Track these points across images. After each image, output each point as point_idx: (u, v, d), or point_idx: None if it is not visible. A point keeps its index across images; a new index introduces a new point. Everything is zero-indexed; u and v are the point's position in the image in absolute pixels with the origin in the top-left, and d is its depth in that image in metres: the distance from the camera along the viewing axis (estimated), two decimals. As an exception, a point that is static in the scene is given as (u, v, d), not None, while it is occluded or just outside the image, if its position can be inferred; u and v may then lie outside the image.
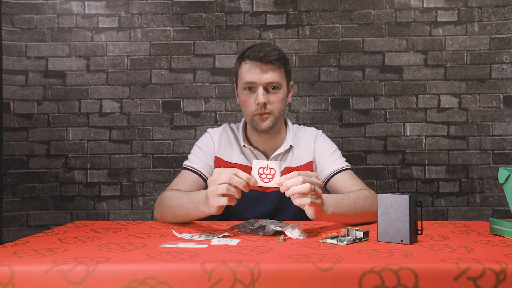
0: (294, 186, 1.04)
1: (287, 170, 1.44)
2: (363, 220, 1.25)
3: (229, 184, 1.05)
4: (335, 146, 1.51)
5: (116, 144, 2.55)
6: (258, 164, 1.09)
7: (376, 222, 1.02)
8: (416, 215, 0.98)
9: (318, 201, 1.07)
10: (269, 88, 1.38)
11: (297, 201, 1.05)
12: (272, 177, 1.08)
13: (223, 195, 1.06)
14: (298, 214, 1.36)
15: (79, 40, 2.56)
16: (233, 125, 1.54)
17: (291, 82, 1.47)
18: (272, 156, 1.45)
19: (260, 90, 1.36)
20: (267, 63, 1.35)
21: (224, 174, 1.06)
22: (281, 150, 1.45)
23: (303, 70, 2.54)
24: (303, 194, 1.04)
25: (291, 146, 1.46)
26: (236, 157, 1.46)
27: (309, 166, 1.46)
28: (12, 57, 2.50)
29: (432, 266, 0.76)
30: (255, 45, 1.41)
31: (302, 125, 1.57)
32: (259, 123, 1.39)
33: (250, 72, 1.37)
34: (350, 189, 1.35)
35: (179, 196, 1.26)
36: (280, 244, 0.95)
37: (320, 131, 1.54)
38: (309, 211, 1.08)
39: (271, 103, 1.38)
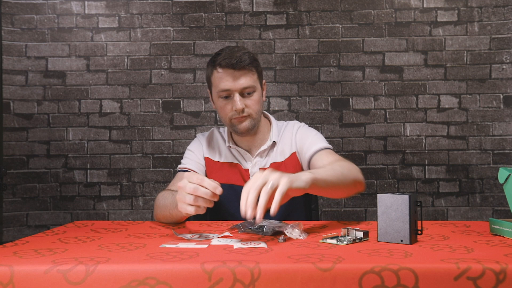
0: (259, 208, 0.95)
1: (273, 166, 1.46)
2: (349, 187, 1.21)
3: (195, 195, 1.02)
4: (315, 131, 1.50)
5: (116, 144, 2.55)
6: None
7: (362, 190, 0.99)
8: (416, 215, 0.98)
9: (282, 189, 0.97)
10: (244, 93, 1.39)
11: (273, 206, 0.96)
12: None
13: (190, 204, 1.03)
14: (299, 215, 1.36)
15: (79, 40, 2.56)
16: (221, 129, 1.60)
17: (264, 81, 1.49)
18: (256, 153, 1.47)
19: (237, 97, 1.37)
20: (240, 69, 1.36)
21: (189, 185, 1.03)
22: (264, 147, 1.47)
23: (303, 70, 2.54)
24: (264, 204, 0.96)
25: (274, 142, 1.48)
26: (224, 156, 1.51)
27: (293, 158, 1.47)
28: (12, 57, 2.50)
29: (432, 266, 0.76)
30: (224, 50, 1.40)
31: (287, 121, 1.58)
32: (237, 125, 1.41)
33: (224, 80, 1.37)
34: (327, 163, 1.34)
35: (166, 197, 1.28)
36: (280, 244, 0.95)
37: (302, 123, 1.54)
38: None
39: (248, 106, 1.39)
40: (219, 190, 1.02)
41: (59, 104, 2.55)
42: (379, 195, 0.99)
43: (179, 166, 1.52)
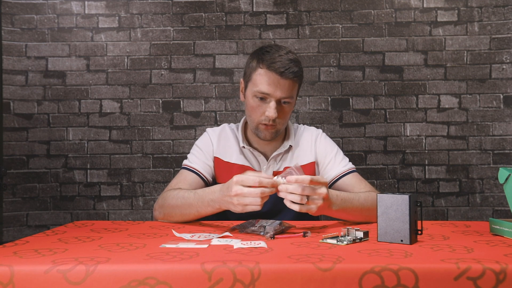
0: (287, 193, 1.08)
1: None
2: (369, 220, 1.26)
3: (263, 197, 1.07)
4: (336, 146, 1.51)
5: (116, 144, 2.55)
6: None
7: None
8: (416, 215, 0.98)
9: (313, 209, 1.10)
10: (281, 101, 1.36)
11: (287, 204, 1.10)
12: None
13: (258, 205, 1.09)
14: (299, 215, 1.36)
15: (79, 40, 2.56)
16: (232, 125, 1.53)
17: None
18: (272, 156, 1.45)
19: (273, 104, 1.33)
20: (286, 78, 1.32)
21: (253, 190, 1.07)
22: (280, 150, 1.45)
23: (303, 70, 2.53)
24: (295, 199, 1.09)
25: (290, 146, 1.46)
26: (235, 157, 1.46)
27: (311, 167, 1.46)
28: (12, 57, 2.50)
29: (432, 266, 0.76)
30: (273, 50, 1.35)
31: (302, 124, 1.57)
32: (263, 132, 1.39)
33: (266, 83, 1.33)
34: (359, 191, 1.36)
35: (185, 195, 1.26)
36: (280, 244, 0.95)
37: (320, 131, 1.54)
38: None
39: (279, 117, 1.36)
40: (282, 186, 1.10)
41: (59, 104, 2.55)
42: (379, 195, 0.99)
43: (185, 162, 1.47)
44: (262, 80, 1.33)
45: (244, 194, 1.07)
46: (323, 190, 1.10)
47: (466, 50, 2.51)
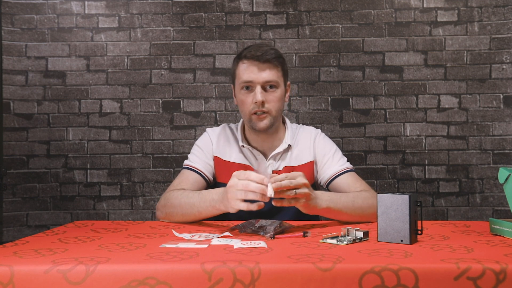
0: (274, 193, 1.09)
1: (286, 170, 1.44)
2: (363, 219, 1.25)
3: (246, 190, 1.07)
4: (335, 146, 1.51)
5: (116, 144, 2.55)
6: None
7: (376, 221, 1.03)
8: (416, 215, 0.98)
9: (301, 202, 1.11)
10: (266, 87, 1.38)
11: (273, 203, 1.11)
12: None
13: (243, 200, 1.09)
14: (299, 214, 1.36)
15: (79, 40, 2.56)
16: (232, 125, 1.55)
17: (288, 82, 1.47)
18: (271, 155, 1.45)
19: (258, 89, 1.37)
20: (265, 61, 1.36)
21: (240, 182, 1.08)
22: (279, 149, 1.45)
23: (303, 70, 2.54)
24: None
25: (289, 145, 1.46)
26: (235, 156, 1.47)
27: (309, 166, 1.47)
28: (12, 57, 2.50)
29: (432, 266, 0.76)
30: (252, 45, 1.42)
31: (301, 124, 1.57)
32: (256, 123, 1.40)
33: (248, 71, 1.37)
34: (354, 190, 1.36)
35: (189, 195, 1.27)
36: (280, 244, 0.95)
37: (319, 131, 1.54)
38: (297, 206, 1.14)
39: (268, 102, 1.38)
40: (266, 180, 1.08)
41: (59, 104, 2.55)
42: (379, 195, 0.99)
43: (186, 162, 1.48)
44: (244, 70, 1.39)
45: (234, 185, 1.09)
46: (300, 173, 1.12)
47: (466, 50, 2.51)
